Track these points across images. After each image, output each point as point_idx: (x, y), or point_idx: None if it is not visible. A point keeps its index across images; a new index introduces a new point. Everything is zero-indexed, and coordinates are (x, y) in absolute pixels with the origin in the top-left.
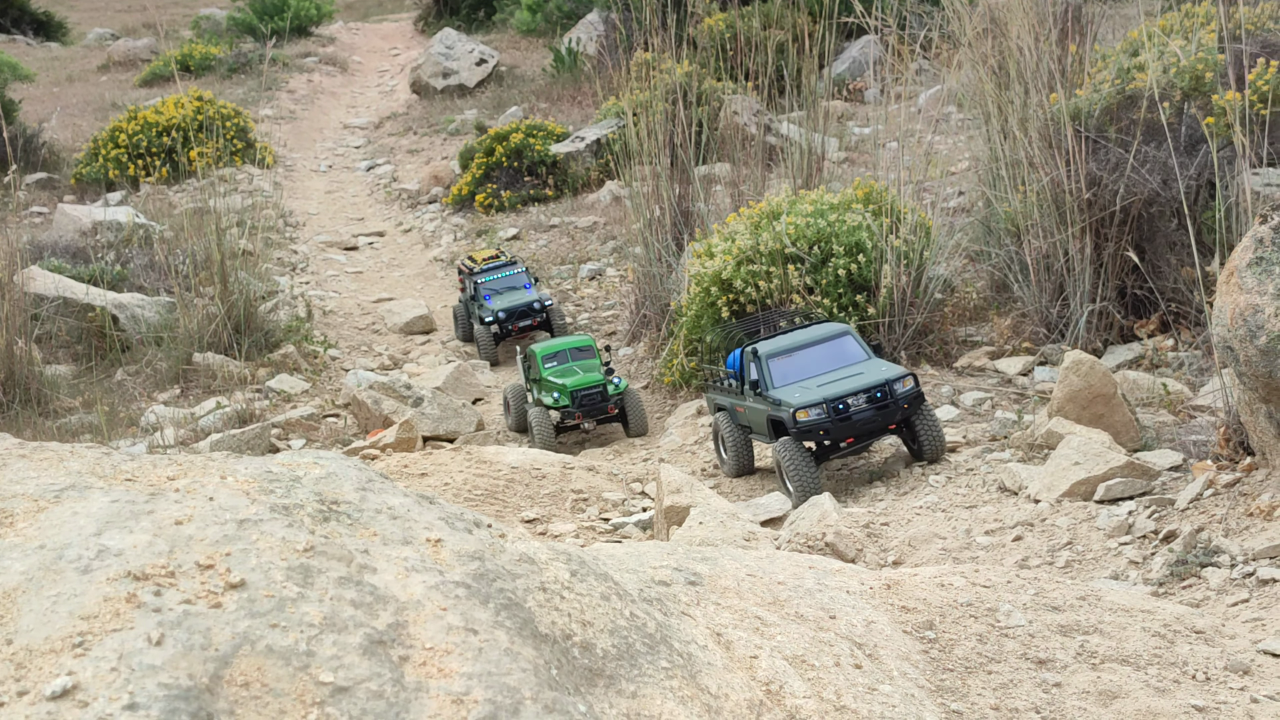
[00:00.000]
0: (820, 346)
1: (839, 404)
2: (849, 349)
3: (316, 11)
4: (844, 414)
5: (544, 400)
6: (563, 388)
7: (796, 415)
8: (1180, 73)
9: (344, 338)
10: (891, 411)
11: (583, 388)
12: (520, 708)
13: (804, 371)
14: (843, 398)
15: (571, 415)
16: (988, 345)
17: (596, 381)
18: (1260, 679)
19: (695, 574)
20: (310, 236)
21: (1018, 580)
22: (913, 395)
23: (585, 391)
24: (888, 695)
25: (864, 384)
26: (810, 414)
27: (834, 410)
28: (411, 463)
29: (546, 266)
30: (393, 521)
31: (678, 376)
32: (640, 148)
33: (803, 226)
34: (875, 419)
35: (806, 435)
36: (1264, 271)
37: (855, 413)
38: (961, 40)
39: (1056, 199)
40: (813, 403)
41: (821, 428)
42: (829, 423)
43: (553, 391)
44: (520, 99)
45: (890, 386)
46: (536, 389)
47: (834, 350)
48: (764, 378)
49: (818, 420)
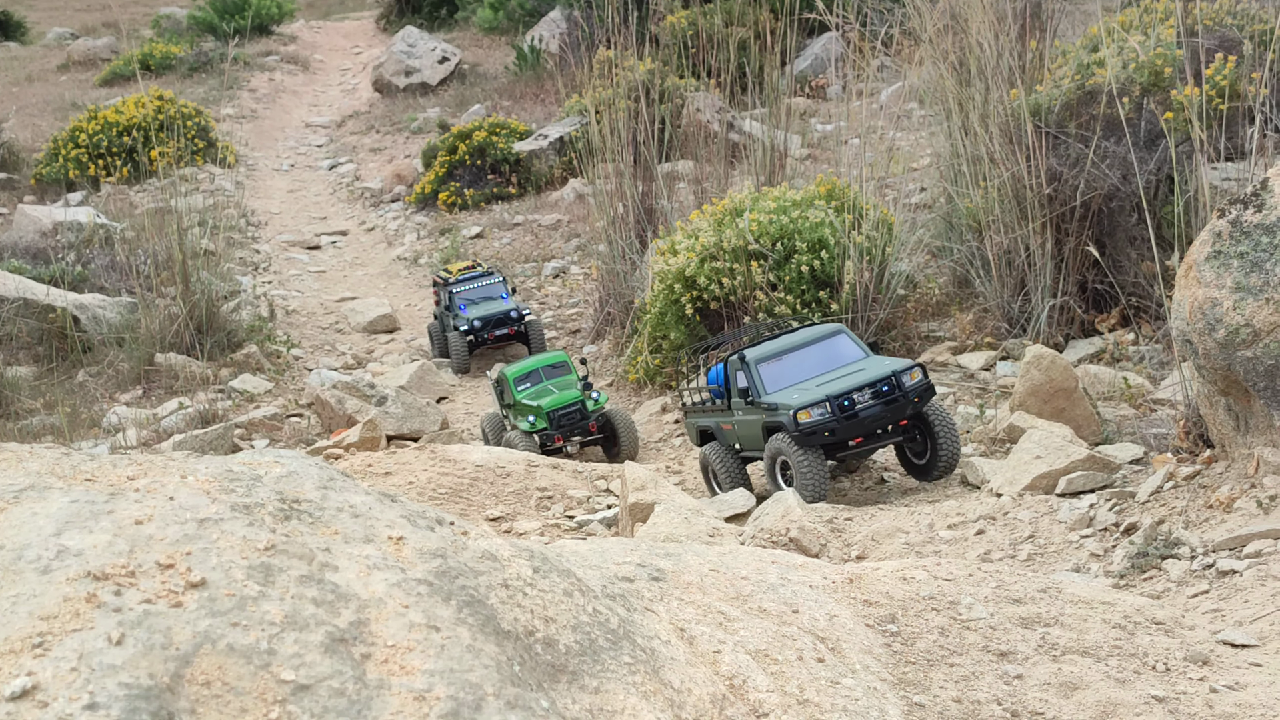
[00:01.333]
0: (813, 348)
1: (844, 400)
2: (844, 349)
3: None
4: (850, 411)
5: (520, 425)
6: (538, 409)
7: (798, 417)
8: (1139, 68)
9: (307, 337)
10: (901, 405)
11: (559, 407)
12: (483, 704)
13: (798, 374)
14: (847, 394)
15: (551, 438)
16: (950, 340)
17: (573, 399)
18: (1219, 669)
19: (659, 570)
20: (273, 236)
21: (979, 573)
22: (922, 388)
23: (563, 411)
24: (850, 688)
25: (868, 378)
26: (813, 414)
27: (839, 408)
28: (375, 462)
29: (510, 265)
30: (354, 520)
31: (642, 374)
32: (603, 145)
33: (765, 223)
34: (884, 414)
35: (810, 438)
36: (1222, 265)
37: (862, 409)
38: (922, 37)
39: (1017, 194)
40: (814, 401)
41: (826, 428)
42: (834, 422)
43: (528, 415)
44: (483, 97)
45: (898, 378)
46: (512, 414)
47: (828, 351)
48: (755, 384)
49: (822, 421)
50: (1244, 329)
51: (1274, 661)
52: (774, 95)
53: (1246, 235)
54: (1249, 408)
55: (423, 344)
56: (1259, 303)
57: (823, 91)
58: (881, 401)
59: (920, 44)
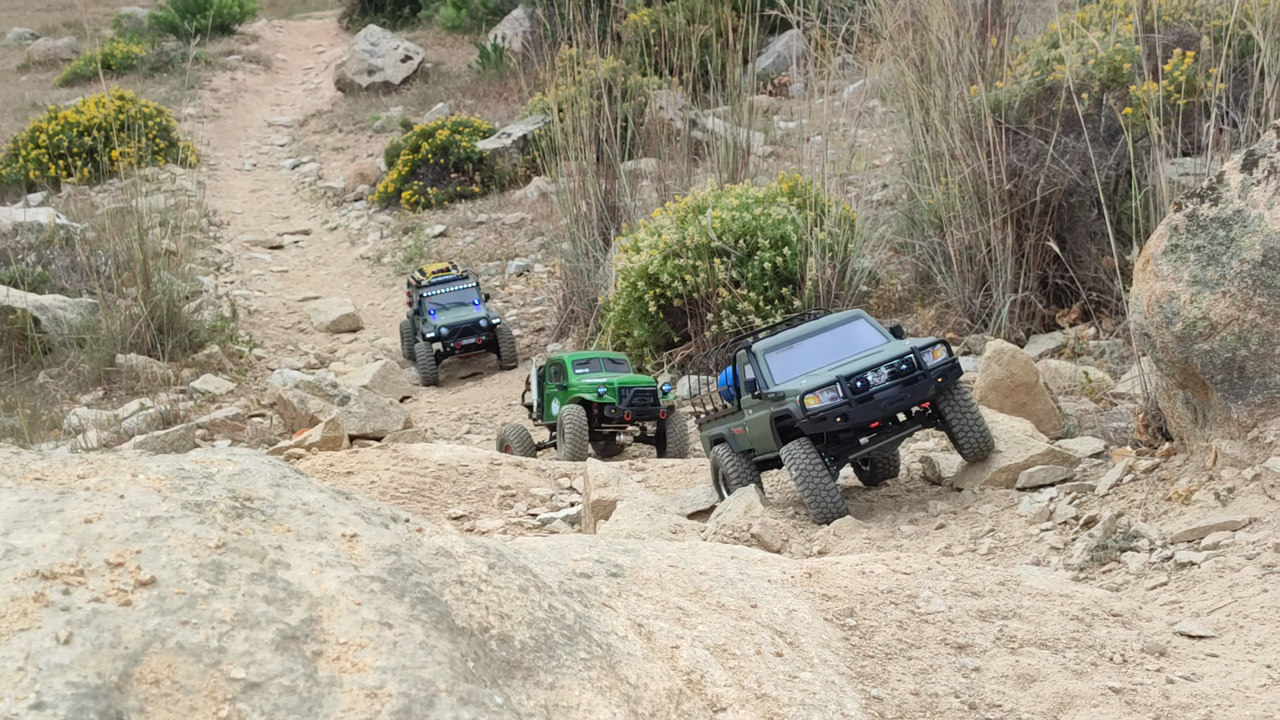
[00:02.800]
0: (826, 335)
1: (856, 381)
2: (862, 334)
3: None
4: (863, 393)
5: (585, 396)
6: (609, 384)
7: (805, 402)
8: (1098, 64)
9: (269, 337)
10: (923, 385)
11: (633, 385)
12: (435, 700)
13: (810, 362)
14: (860, 374)
15: (619, 414)
16: (912, 336)
17: (648, 382)
18: (1176, 660)
19: (617, 566)
20: (235, 236)
21: (938, 567)
22: (946, 366)
23: (636, 390)
24: (808, 682)
25: (887, 356)
26: (822, 398)
27: (851, 390)
28: (337, 461)
29: (474, 263)
30: (307, 517)
31: None
32: (566, 143)
33: (728, 220)
34: (903, 396)
35: (821, 425)
36: (1179, 259)
37: (878, 390)
38: (883, 33)
39: (978, 190)
40: (824, 384)
41: (839, 413)
42: (847, 405)
43: (595, 389)
44: (446, 96)
45: (918, 356)
46: (559, 400)
47: (844, 337)
48: (762, 376)
49: (833, 405)
50: (1201, 322)
51: (1231, 652)
52: (736, 93)
53: (1203, 229)
54: (1207, 400)
55: (386, 343)
56: (1215, 296)
57: (785, 89)
58: (900, 382)
59: (881, 41)
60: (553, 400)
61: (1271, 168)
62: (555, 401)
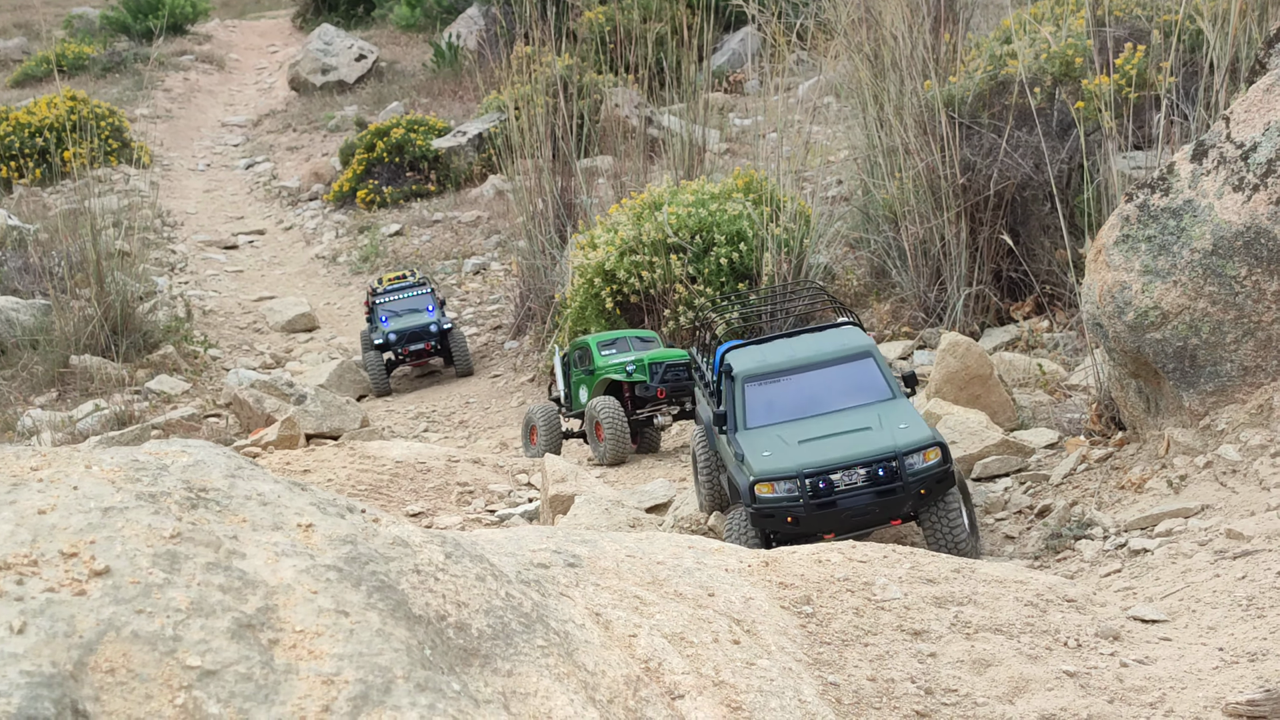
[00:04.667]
0: (825, 372)
1: (820, 480)
2: (865, 379)
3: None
4: (824, 495)
5: (613, 376)
6: (638, 361)
7: (755, 489)
8: (1050, 58)
9: (225, 337)
10: (898, 500)
11: (666, 360)
12: (392, 687)
13: (791, 409)
14: (827, 471)
15: (652, 392)
16: (869, 331)
17: (679, 355)
18: (1130, 644)
19: (574, 556)
20: (189, 236)
21: (893, 555)
22: (936, 476)
23: (669, 365)
24: (766, 669)
25: (864, 452)
26: (776, 488)
27: (812, 488)
28: (294, 460)
29: (430, 262)
30: (263, 507)
31: None
32: (522, 141)
33: (684, 216)
34: (871, 509)
35: (768, 519)
36: (1130, 249)
37: (843, 495)
38: (836, 29)
39: (932, 185)
40: (782, 473)
41: (790, 513)
42: (800, 506)
43: (623, 368)
44: (401, 94)
45: (902, 461)
46: (587, 386)
47: (843, 379)
48: (735, 412)
49: (784, 500)
50: (1153, 311)
51: (1184, 636)
52: (692, 90)
53: (1154, 219)
54: (1159, 389)
55: (342, 342)
56: (1167, 285)
57: (741, 86)
58: (873, 490)
59: (835, 37)
60: (580, 387)
61: (1221, 158)
62: (583, 388)
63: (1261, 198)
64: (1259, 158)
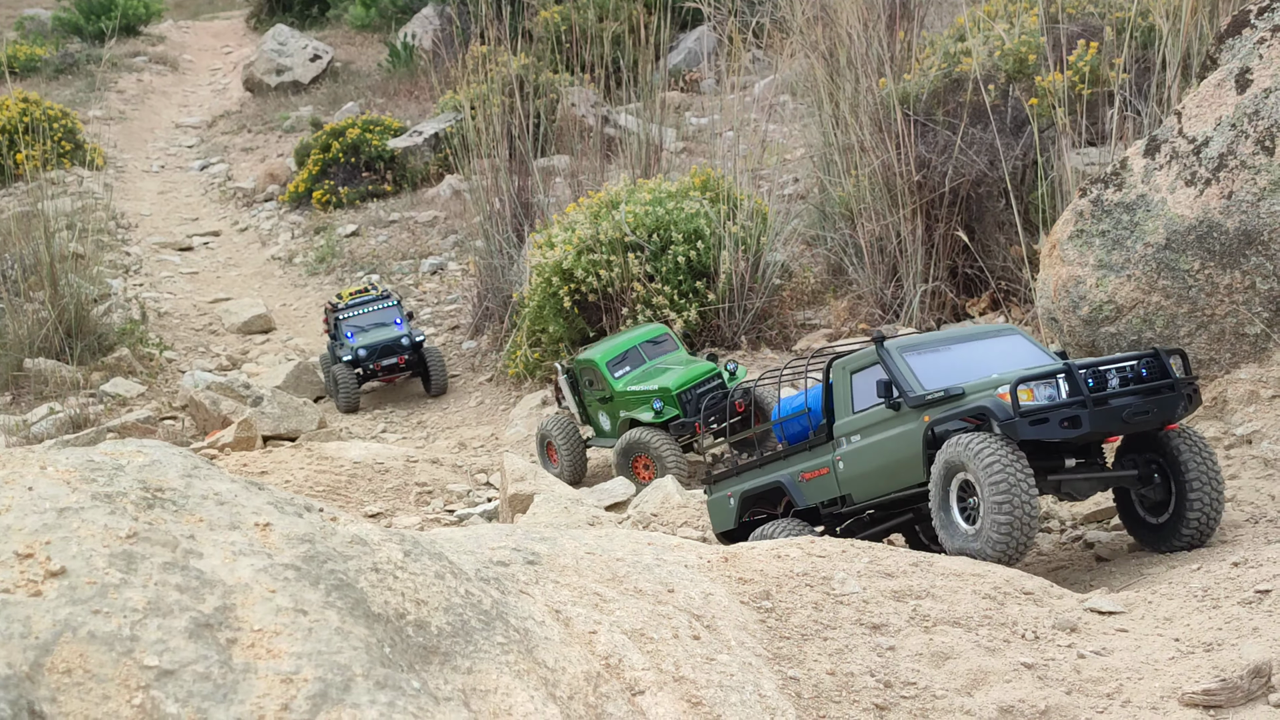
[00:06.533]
0: (979, 344)
1: (1089, 377)
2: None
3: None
4: (1098, 392)
5: (640, 418)
6: (663, 391)
7: (1019, 392)
8: (1004, 55)
9: (180, 339)
10: (1171, 401)
11: (692, 383)
12: (351, 684)
13: (965, 371)
14: (1094, 366)
15: (689, 427)
16: (825, 328)
17: (708, 371)
18: (1087, 635)
19: (534, 553)
20: (143, 238)
21: (852, 550)
22: (1190, 388)
23: (701, 387)
24: (725, 664)
25: (1112, 359)
26: (1038, 393)
27: (1082, 386)
28: (251, 461)
29: (387, 263)
30: (220, 507)
31: (521, 368)
32: (478, 141)
33: (641, 215)
34: (1147, 409)
35: (1040, 429)
36: (1084, 244)
37: (1116, 393)
38: (792, 27)
39: (888, 182)
40: (1042, 374)
41: (1067, 416)
42: (1077, 407)
43: (643, 404)
44: (356, 94)
45: (1164, 358)
46: (604, 412)
47: (999, 350)
48: (901, 378)
49: (1058, 404)
50: (1107, 305)
51: (1140, 627)
52: (648, 89)
53: (1107, 214)
54: None
55: (299, 343)
56: (1120, 279)
57: (697, 85)
58: (1140, 390)
59: (790, 35)
60: (599, 412)
61: (1173, 152)
62: (603, 415)
63: (1213, 192)
64: (1210, 152)
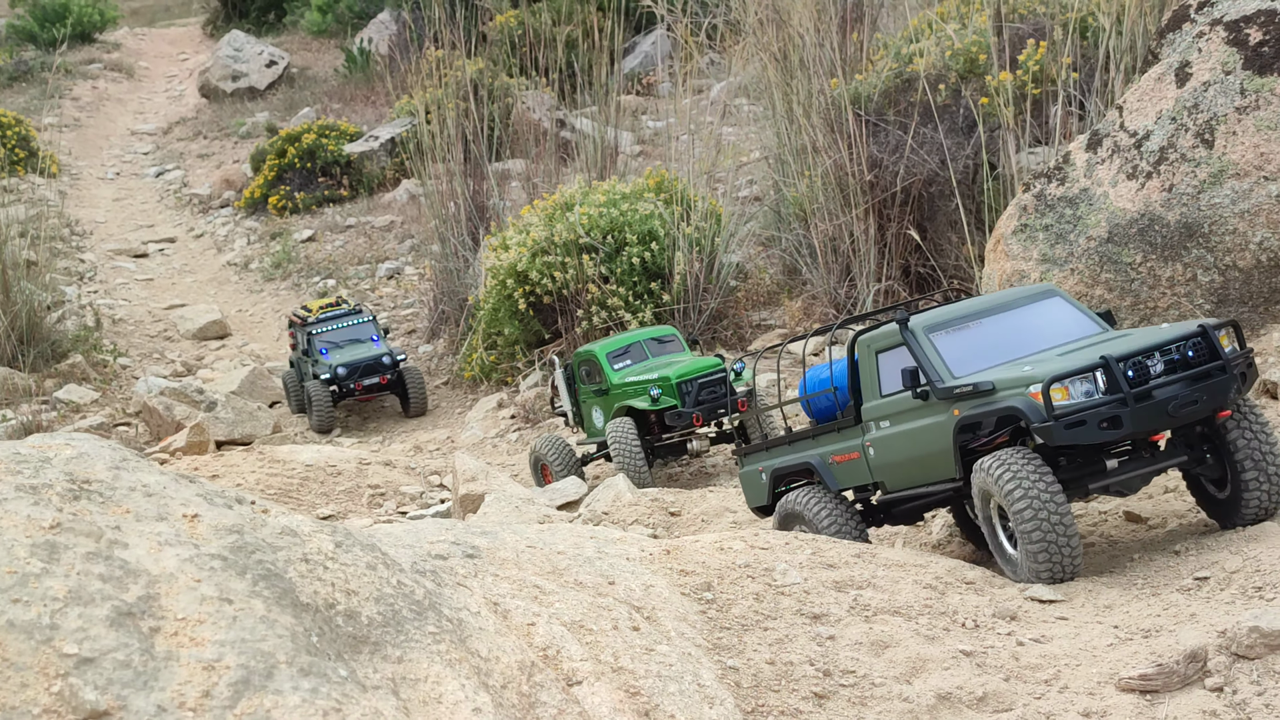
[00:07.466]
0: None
1: (1129, 368)
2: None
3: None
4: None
5: (636, 405)
6: (663, 380)
7: (1051, 391)
8: (955, 55)
9: (135, 346)
10: (1223, 385)
11: (694, 375)
12: (274, 672)
13: (999, 352)
14: (1133, 355)
15: (686, 417)
16: (780, 328)
17: (712, 366)
18: (1026, 623)
19: (474, 547)
20: (98, 245)
21: (795, 542)
22: (1245, 364)
23: (702, 380)
24: (665, 655)
25: (1157, 339)
26: (1073, 390)
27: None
28: (202, 465)
29: (344, 267)
30: (147, 499)
31: (477, 370)
32: (434, 145)
33: (596, 216)
34: (1196, 398)
35: (1076, 433)
36: (1028, 238)
37: (1159, 386)
38: (744, 28)
39: (840, 182)
40: (1075, 370)
41: (1107, 416)
42: (1120, 404)
43: (646, 390)
44: (313, 100)
45: (1212, 338)
46: (602, 408)
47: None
48: (927, 364)
49: (1096, 403)
50: None
51: (1080, 615)
52: (604, 93)
53: (1050, 208)
54: None
55: (254, 349)
56: (1064, 273)
57: (653, 88)
58: (1186, 377)
59: (743, 36)
60: (593, 408)
61: (1115, 146)
62: (597, 410)
63: (1154, 185)
64: (1151, 146)
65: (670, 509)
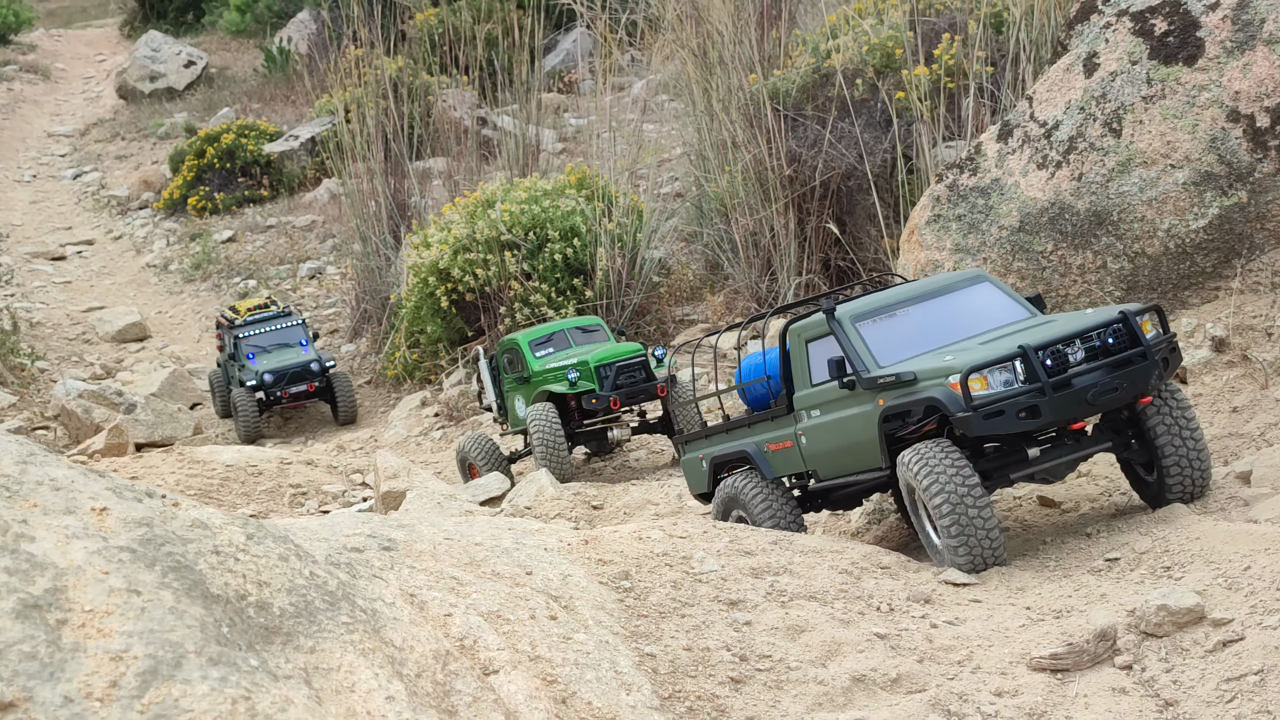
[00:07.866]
0: (939, 301)
1: (1047, 357)
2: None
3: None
4: (1059, 374)
5: (554, 389)
6: (581, 364)
7: (969, 382)
8: (871, 50)
9: (53, 349)
10: (1143, 371)
11: (612, 360)
12: (183, 661)
13: (927, 339)
14: (1052, 344)
15: (603, 401)
16: (703, 322)
17: (633, 352)
18: (940, 607)
19: (390, 540)
20: (14, 248)
21: (713, 530)
22: (1167, 348)
23: (620, 364)
24: (582, 643)
25: (1079, 324)
26: (992, 380)
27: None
28: (121, 466)
29: (265, 268)
30: (55, 492)
31: (400, 369)
32: (354, 144)
33: (518, 213)
34: (1116, 385)
35: (994, 423)
36: (941, 228)
37: (1078, 374)
38: (663, 24)
39: (760, 177)
40: (994, 359)
41: (1024, 406)
42: (1036, 395)
43: (564, 374)
44: (232, 100)
45: (1132, 323)
46: (523, 397)
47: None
48: (853, 353)
49: (1014, 393)
50: None
51: (993, 597)
52: (525, 90)
53: (963, 198)
54: None
55: (175, 351)
56: (977, 262)
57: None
58: (1107, 363)
59: (662, 33)
60: (515, 398)
61: (1025, 136)
62: (519, 400)
63: (1064, 174)
64: (1061, 135)
65: (593, 503)
